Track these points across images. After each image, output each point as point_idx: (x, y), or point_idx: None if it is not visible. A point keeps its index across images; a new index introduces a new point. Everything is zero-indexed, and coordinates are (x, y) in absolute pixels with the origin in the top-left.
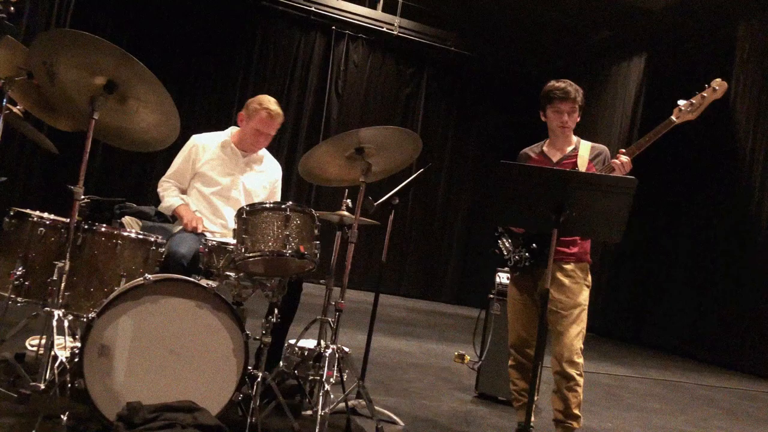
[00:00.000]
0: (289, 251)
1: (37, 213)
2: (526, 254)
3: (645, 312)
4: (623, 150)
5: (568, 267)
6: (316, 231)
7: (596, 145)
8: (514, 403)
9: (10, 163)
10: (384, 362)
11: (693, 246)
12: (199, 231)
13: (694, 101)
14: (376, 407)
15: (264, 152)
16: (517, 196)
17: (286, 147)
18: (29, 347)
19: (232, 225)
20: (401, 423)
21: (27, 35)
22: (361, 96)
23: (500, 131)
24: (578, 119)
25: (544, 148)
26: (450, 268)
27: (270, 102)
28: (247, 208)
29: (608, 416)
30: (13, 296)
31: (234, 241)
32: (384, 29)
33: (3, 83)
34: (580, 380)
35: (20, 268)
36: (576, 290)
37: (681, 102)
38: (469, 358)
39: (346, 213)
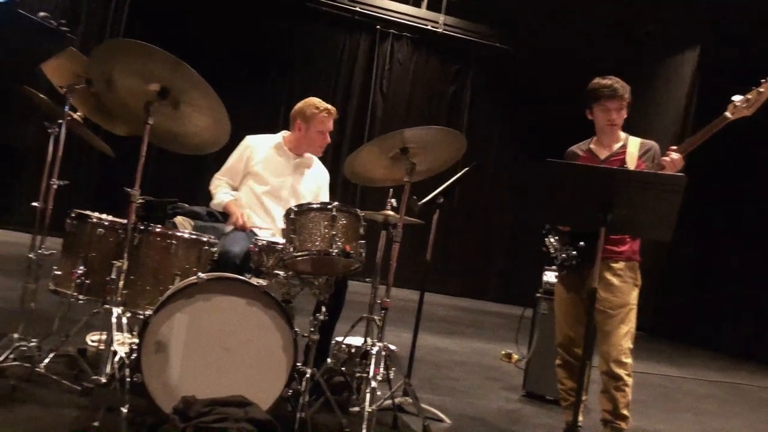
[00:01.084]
0: (336, 250)
1: (96, 214)
2: (574, 252)
3: (700, 311)
4: (674, 147)
5: (617, 266)
6: (361, 231)
7: (646, 141)
8: (562, 403)
9: (70, 166)
10: (430, 360)
11: (752, 242)
12: (248, 227)
13: (750, 97)
14: (423, 405)
15: (312, 157)
16: (563, 195)
17: (332, 148)
18: (90, 343)
19: (281, 225)
20: (448, 421)
21: (83, 44)
22: (406, 95)
23: (547, 128)
24: (626, 116)
25: (592, 146)
26: (496, 267)
27: (322, 102)
28: (295, 209)
29: (661, 418)
30: (75, 294)
31: (283, 241)
32: (428, 27)
33: (65, 91)
34: (629, 380)
35: (81, 268)
36: (625, 289)
37: (736, 98)
38: (516, 357)
39: (391, 212)
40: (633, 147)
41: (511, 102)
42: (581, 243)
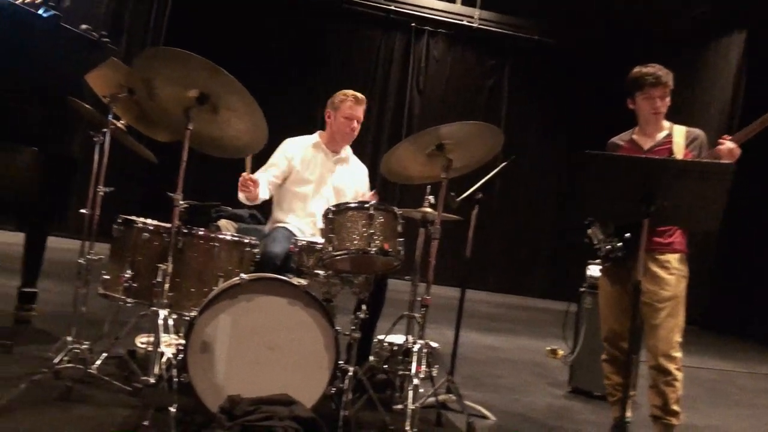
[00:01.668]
0: (374, 249)
1: (142, 219)
2: (619, 244)
3: (753, 304)
4: (727, 136)
5: (664, 258)
6: (399, 228)
7: (691, 129)
8: (609, 398)
9: (116, 174)
10: (473, 357)
11: None
12: (249, 189)
13: None
14: (467, 402)
15: (350, 154)
16: (604, 187)
17: (370, 147)
18: (139, 344)
19: (321, 224)
20: (492, 417)
21: (126, 55)
22: (442, 91)
23: (587, 119)
24: (669, 103)
25: (634, 136)
26: (538, 262)
27: (350, 91)
28: (333, 208)
29: (713, 413)
30: (123, 297)
31: (322, 241)
32: (464, 23)
33: (108, 101)
34: (679, 375)
35: (128, 272)
36: (672, 282)
37: None
38: (562, 352)
39: (428, 209)
40: (679, 136)
41: (551, 94)
42: (627, 234)
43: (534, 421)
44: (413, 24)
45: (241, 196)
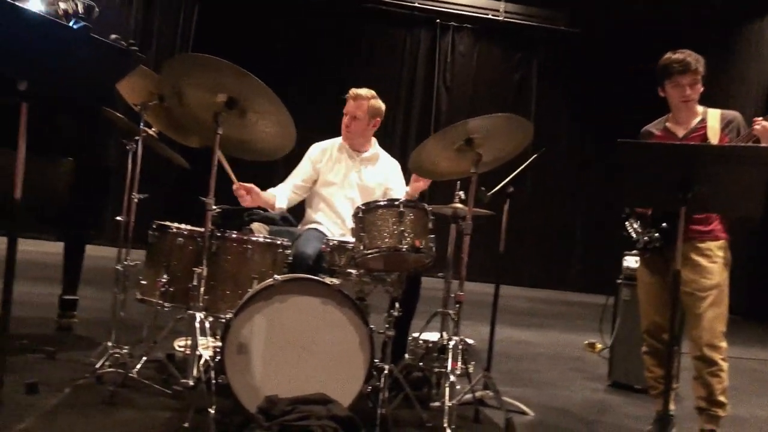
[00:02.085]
0: (405, 246)
1: (176, 225)
2: (657, 235)
3: None
4: (759, 118)
5: (705, 246)
6: (430, 225)
7: (726, 112)
8: (651, 391)
9: (149, 180)
10: (510, 353)
11: None
12: (243, 197)
13: None
14: (504, 398)
15: (379, 150)
16: (638, 176)
17: (398, 145)
18: (177, 348)
19: (351, 224)
20: (531, 413)
21: (156, 64)
22: (470, 86)
23: (619, 108)
24: (701, 89)
25: (668, 124)
26: (574, 255)
27: (354, 89)
28: (363, 207)
29: (759, 403)
30: (160, 302)
31: (353, 240)
32: (489, 16)
33: (139, 109)
34: (724, 365)
35: (165, 276)
36: (714, 270)
37: None
38: (600, 346)
39: (459, 205)
40: (713, 120)
41: (580, 84)
42: (664, 225)
43: (573, 416)
44: (438, 20)
45: (268, 208)
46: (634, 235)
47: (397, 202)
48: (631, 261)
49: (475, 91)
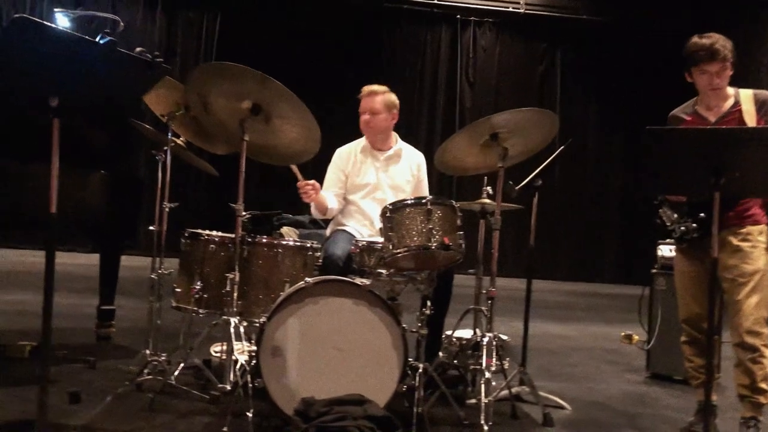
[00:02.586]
0: (434, 244)
1: (207, 232)
2: (694, 225)
3: None
4: None
5: (744, 231)
6: (458, 222)
7: (758, 92)
8: (692, 382)
9: (179, 189)
10: (545, 348)
11: None
12: (309, 194)
13: None
14: (541, 393)
15: (403, 146)
16: (671, 162)
17: (423, 143)
18: (214, 353)
19: (379, 224)
20: (568, 408)
21: (181, 75)
22: (493, 81)
23: (646, 95)
24: (731, 73)
25: (697, 108)
26: (607, 247)
27: (367, 86)
28: (390, 207)
29: None
30: (195, 309)
31: (382, 240)
32: (510, 9)
33: (166, 119)
34: (766, 351)
35: (198, 283)
36: (754, 255)
37: None
38: (637, 338)
39: (487, 200)
40: (747, 103)
41: (605, 73)
42: (701, 215)
43: (612, 410)
44: (458, 16)
45: (313, 210)
46: (668, 224)
47: (424, 200)
48: (665, 250)
49: (498, 86)
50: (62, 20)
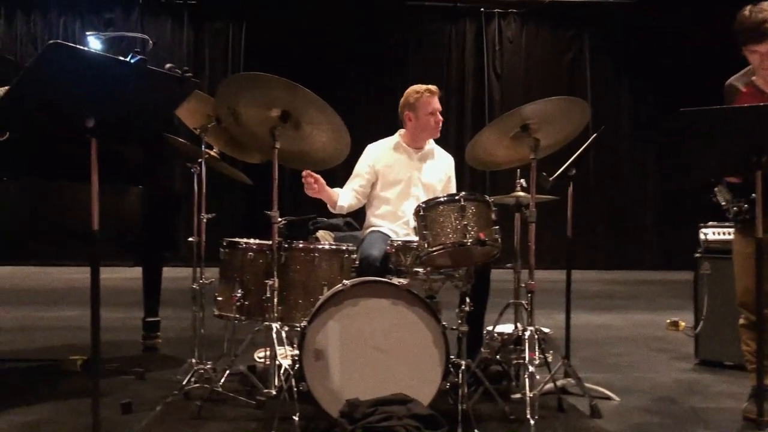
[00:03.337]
0: (470, 240)
1: (245, 240)
2: (746, 206)
3: None
4: None
5: None
6: (493, 216)
7: None
8: (749, 366)
9: (215, 200)
10: (589, 339)
11: None
12: (311, 184)
13: None
14: (587, 384)
15: (434, 146)
16: (707, 144)
17: (453, 138)
18: (257, 359)
19: (413, 223)
20: (616, 398)
21: (210, 87)
22: (521, 72)
23: (680, 76)
24: None
25: (754, 79)
26: (646, 233)
27: (421, 86)
28: (423, 205)
29: None
30: (237, 316)
31: (417, 239)
32: None
33: (199, 132)
34: None
35: (239, 291)
36: None
37: None
38: (684, 324)
39: (521, 193)
40: None
41: (636, 56)
42: (753, 195)
43: (662, 398)
44: (482, 8)
45: (329, 205)
46: (723, 203)
47: (457, 197)
48: (709, 233)
49: (527, 76)
50: (94, 43)
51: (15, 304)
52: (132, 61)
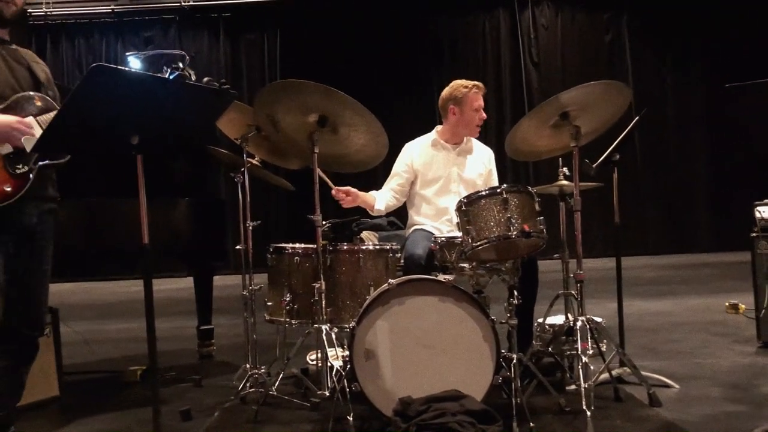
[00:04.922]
0: (515, 232)
1: (291, 245)
2: None
3: None
4: None
5: None
6: (537, 207)
7: None
8: None
9: (259, 207)
10: (644, 326)
11: None
12: (343, 199)
13: None
14: (644, 373)
15: (472, 140)
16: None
17: (494, 131)
18: (309, 362)
19: (456, 219)
20: (675, 386)
21: (249, 97)
22: (558, 58)
23: (725, 51)
24: None
25: None
26: (697, 214)
27: (467, 81)
28: (465, 200)
29: None
30: (287, 320)
31: (461, 234)
32: None
33: (240, 142)
34: None
35: (288, 295)
36: None
37: None
38: (744, 306)
39: (564, 182)
40: None
41: (677, 34)
42: None
43: (724, 384)
44: None
45: (368, 209)
46: None
47: (499, 190)
48: (765, 211)
49: (564, 63)
50: (134, 62)
51: (77, 319)
52: (171, 77)
